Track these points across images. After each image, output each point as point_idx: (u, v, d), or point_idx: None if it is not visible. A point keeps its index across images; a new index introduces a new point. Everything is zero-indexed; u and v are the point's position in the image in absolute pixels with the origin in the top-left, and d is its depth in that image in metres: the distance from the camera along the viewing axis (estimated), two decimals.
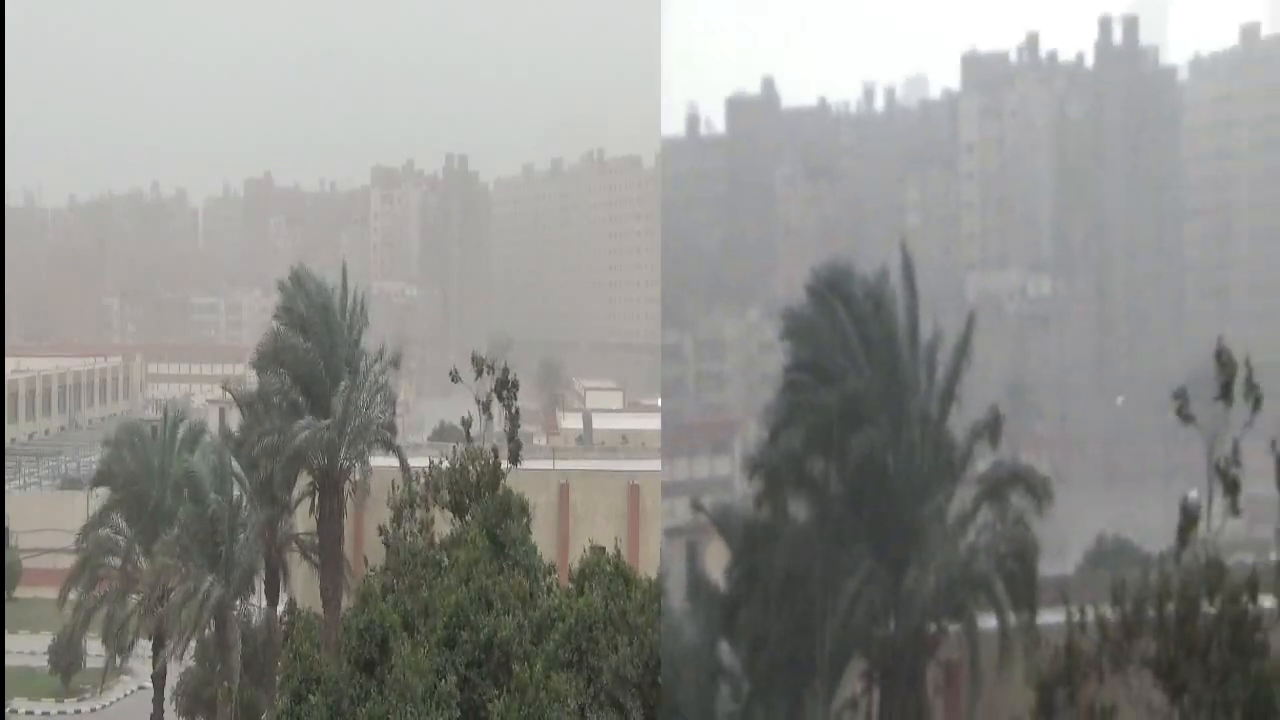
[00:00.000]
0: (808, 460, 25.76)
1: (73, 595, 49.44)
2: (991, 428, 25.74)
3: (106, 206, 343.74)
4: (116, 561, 48.69)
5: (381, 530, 38.47)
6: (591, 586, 32.87)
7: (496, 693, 30.74)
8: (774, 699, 25.57)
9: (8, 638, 57.40)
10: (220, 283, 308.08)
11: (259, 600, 48.65)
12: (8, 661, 55.47)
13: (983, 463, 25.95)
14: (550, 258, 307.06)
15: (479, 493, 36.81)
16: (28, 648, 67.99)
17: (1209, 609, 22.28)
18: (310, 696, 31.31)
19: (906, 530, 25.71)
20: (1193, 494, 22.15)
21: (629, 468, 63.54)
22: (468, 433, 38.47)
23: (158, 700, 49.29)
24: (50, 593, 53.98)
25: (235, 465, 45.28)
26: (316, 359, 43.28)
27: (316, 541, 45.25)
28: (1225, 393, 22.32)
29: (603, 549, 34.35)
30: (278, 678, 37.03)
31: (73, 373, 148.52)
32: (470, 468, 37.16)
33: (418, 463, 42.33)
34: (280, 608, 46.21)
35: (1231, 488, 22.22)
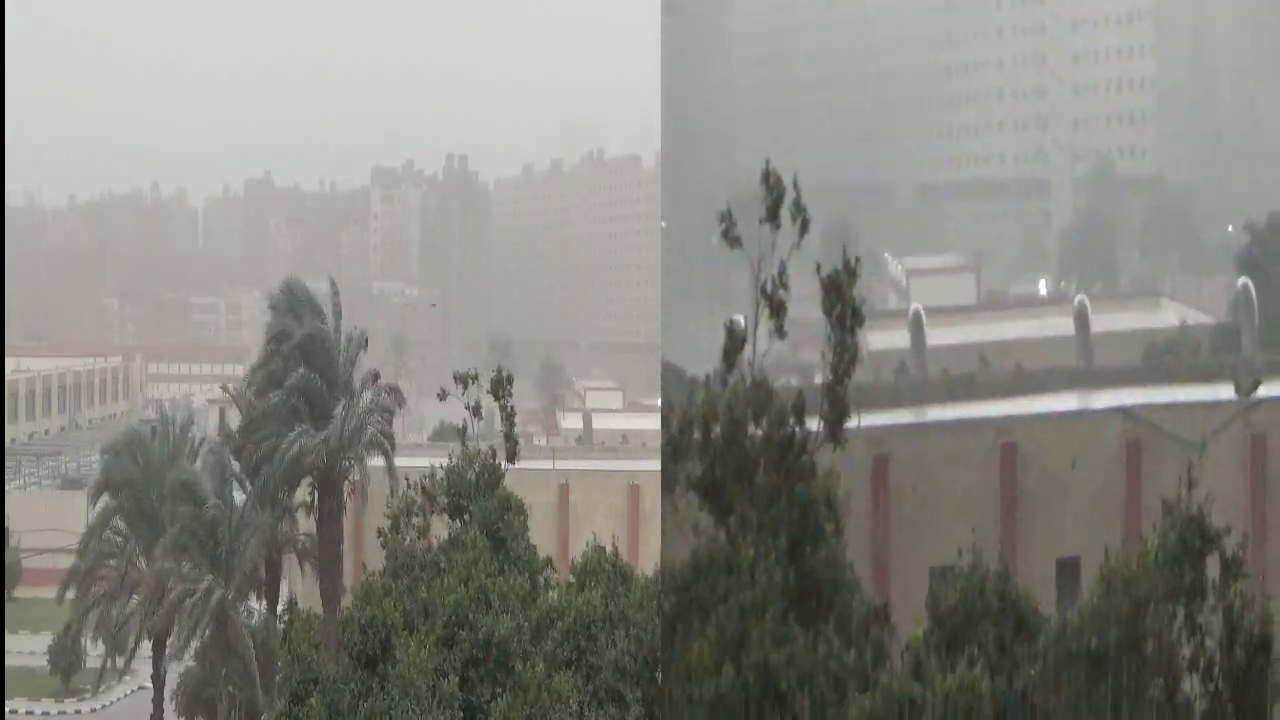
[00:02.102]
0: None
1: (71, 594, 49.43)
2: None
3: (106, 206, 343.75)
4: (117, 563, 48.70)
5: (380, 533, 38.50)
6: (591, 584, 32.94)
7: (496, 692, 30.79)
8: None
9: (8, 638, 57.39)
10: (220, 283, 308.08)
11: (259, 601, 48.64)
12: (8, 661, 55.47)
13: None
14: (550, 258, 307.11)
15: (477, 493, 36.86)
16: (28, 648, 67.96)
17: (755, 431, 22.52)
18: (309, 697, 31.33)
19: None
20: (738, 317, 22.34)
21: (629, 468, 63.55)
22: (463, 437, 38.52)
23: (157, 700, 49.27)
24: (50, 593, 53.99)
25: (235, 466, 45.29)
26: (316, 380, 43.30)
27: (316, 542, 45.26)
28: (772, 215, 22.13)
29: (602, 548, 34.42)
30: (277, 678, 37.06)
31: (73, 373, 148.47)
32: (469, 470, 37.20)
33: (419, 463, 42.35)
34: (280, 608, 46.19)
35: (777, 311, 22.32)
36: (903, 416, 35.43)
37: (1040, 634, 23.74)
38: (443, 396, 40.63)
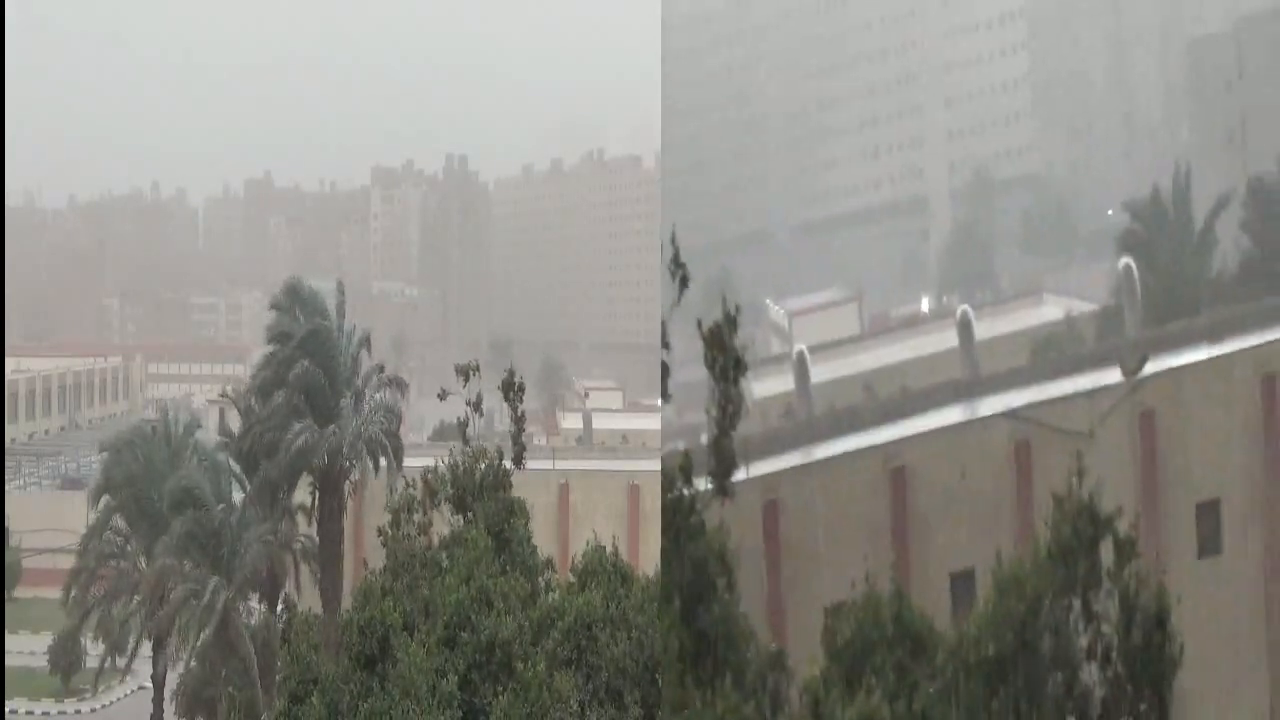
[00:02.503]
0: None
1: (73, 595, 49.42)
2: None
3: (106, 206, 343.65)
4: (117, 563, 48.68)
5: (380, 531, 38.45)
6: (592, 585, 32.94)
7: (498, 691, 30.78)
8: None
9: (8, 638, 57.38)
10: (220, 283, 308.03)
11: (259, 601, 48.63)
12: (8, 661, 55.46)
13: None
14: (550, 258, 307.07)
15: (481, 492, 36.82)
16: (28, 648, 67.94)
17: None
18: (309, 697, 31.33)
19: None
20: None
21: (629, 468, 63.54)
22: (463, 433, 38.44)
23: (157, 700, 49.26)
24: (50, 593, 53.95)
25: (235, 466, 45.27)
26: (319, 376, 43.26)
27: (316, 542, 45.24)
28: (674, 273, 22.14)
29: (602, 548, 34.42)
30: (277, 678, 37.04)
31: (73, 373, 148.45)
32: (475, 467, 37.14)
33: (418, 463, 42.32)
34: (279, 608, 46.18)
35: (661, 373, 22.62)
36: (791, 459, 35.41)
37: (938, 651, 23.83)
38: (443, 396, 40.59)
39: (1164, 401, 35.65)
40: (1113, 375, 36.15)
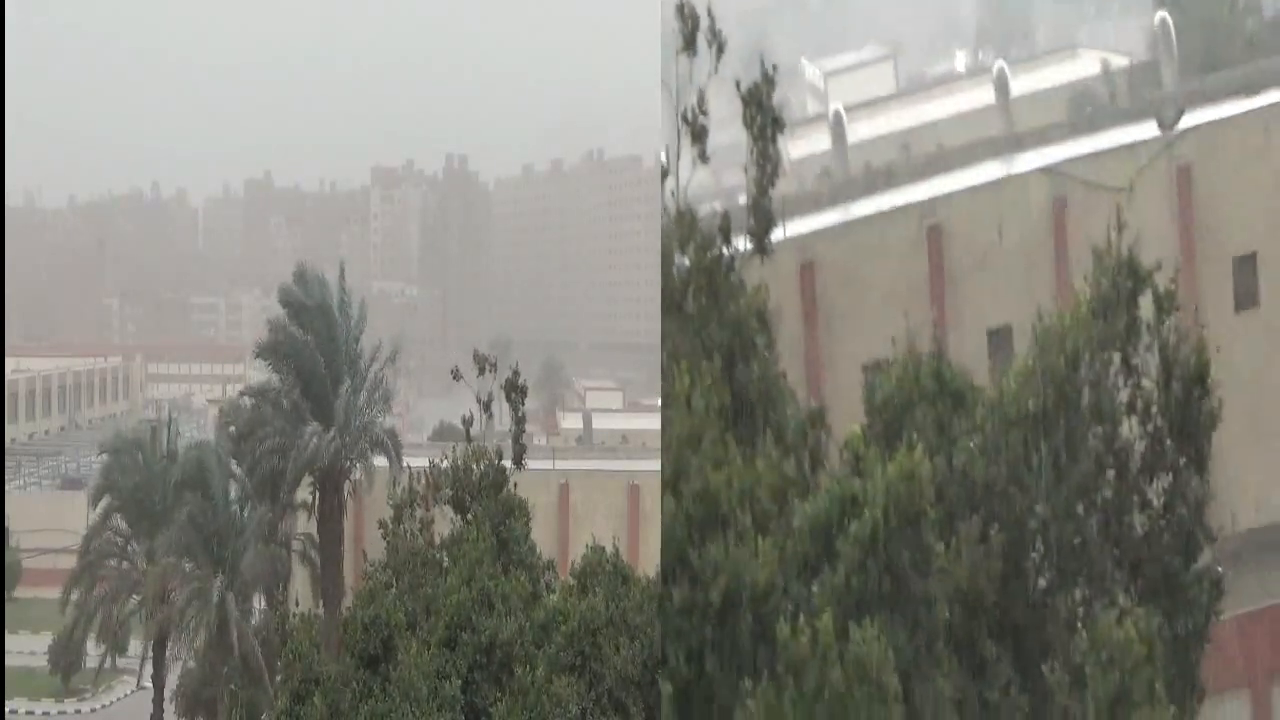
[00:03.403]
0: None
1: (74, 596, 49.41)
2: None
3: (106, 206, 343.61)
4: (118, 564, 48.68)
5: (382, 524, 38.41)
6: (594, 588, 32.87)
7: (498, 695, 30.74)
8: None
9: (8, 638, 57.37)
10: (220, 283, 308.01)
11: (259, 600, 48.62)
12: (8, 661, 55.43)
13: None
14: (550, 258, 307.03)
15: (480, 491, 36.76)
16: (28, 648, 67.92)
17: (682, 260, 23.21)
18: (310, 697, 31.30)
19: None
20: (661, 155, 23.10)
21: (629, 468, 63.52)
22: (468, 431, 38.37)
23: (157, 700, 49.25)
24: (50, 593, 53.87)
25: (235, 466, 45.25)
26: (316, 355, 43.19)
27: (316, 541, 45.22)
28: (689, 44, 22.41)
29: (602, 548, 34.37)
30: (278, 678, 37.01)
31: (73, 373, 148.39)
32: (474, 466, 37.08)
33: (418, 462, 42.28)
34: (280, 607, 46.17)
35: (699, 136, 22.69)
36: (827, 219, 34.95)
37: (977, 406, 23.63)
38: (457, 375, 40.39)
39: (1201, 155, 35.22)
40: (1149, 130, 35.69)
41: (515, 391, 38.60)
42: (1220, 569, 23.70)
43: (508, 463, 37.60)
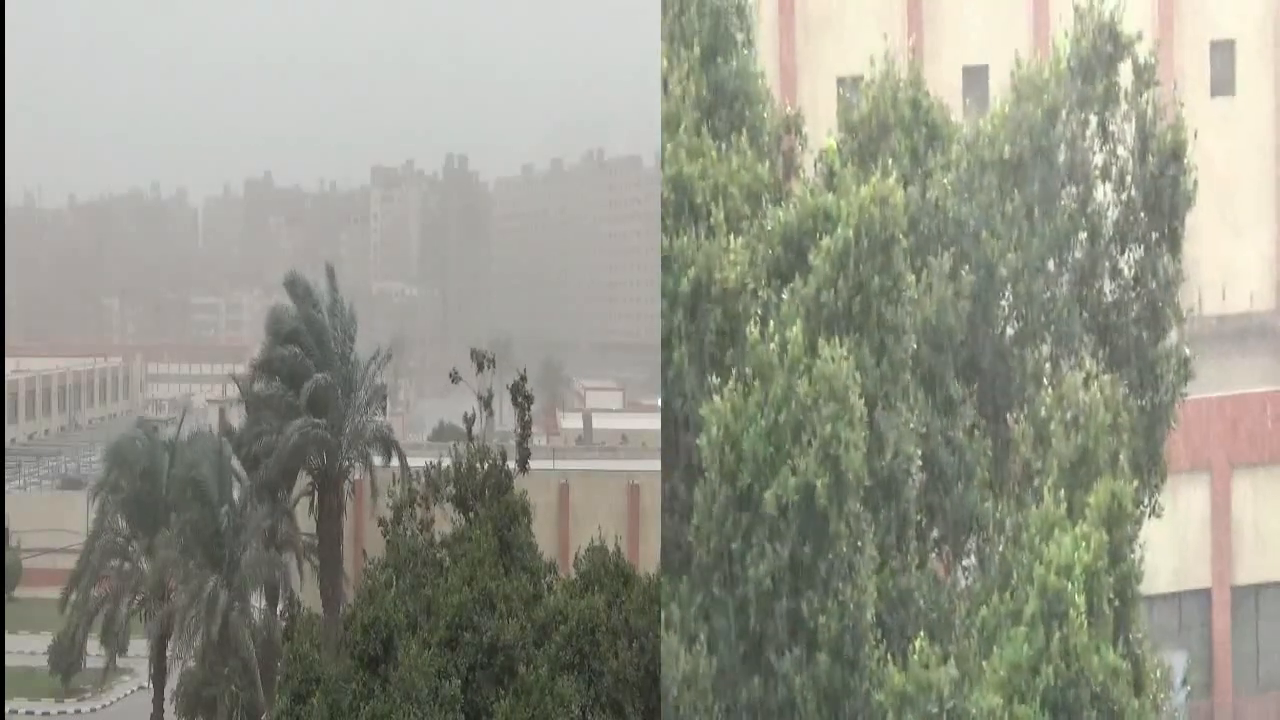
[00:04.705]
0: None
1: (74, 596, 49.39)
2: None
3: (106, 206, 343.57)
4: (118, 563, 48.64)
5: (382, 523, 38.35)
6: (594, 588, 32.85)
7: (499, 695, 30.72)
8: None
9: (8, 638, 57.30)
10: (220, 283, 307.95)
11: (259, 600, 48.59)
12: (8, 661, 55.37)
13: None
14: (550, 258, 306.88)
15: (483, 492, 36.74)
16: (28, 648, 67.83)
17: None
18: (310, 697, 31.29)
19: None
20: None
21: (629, 468, 63.50)
22: (469, 429, 38.32)
23: (157, 700, 49.21)
24: (50, 593, 53.77)
25: (236, 465, 45.20)
26: (308, 363, 43.15)
27: (315, 542, 45.17)
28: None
29: (604, 548, 34.35)
30: (278, 678, 37.01)
31: (73, 373, 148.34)
32: (477, 466, 37.05)
33: (418, 462, 42.24)
34: (279, 607, 46.14)
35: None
36: None
37: (953, 143, 23.69)
38: (455, 378, 40.36)
39: None
40: None
41: (522, 397, 38.53)
42: (1188, 351, 23.89)
43: (511, 463, 37.59)
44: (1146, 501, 23.86)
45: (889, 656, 22.00)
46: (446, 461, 38.29)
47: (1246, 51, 34.85)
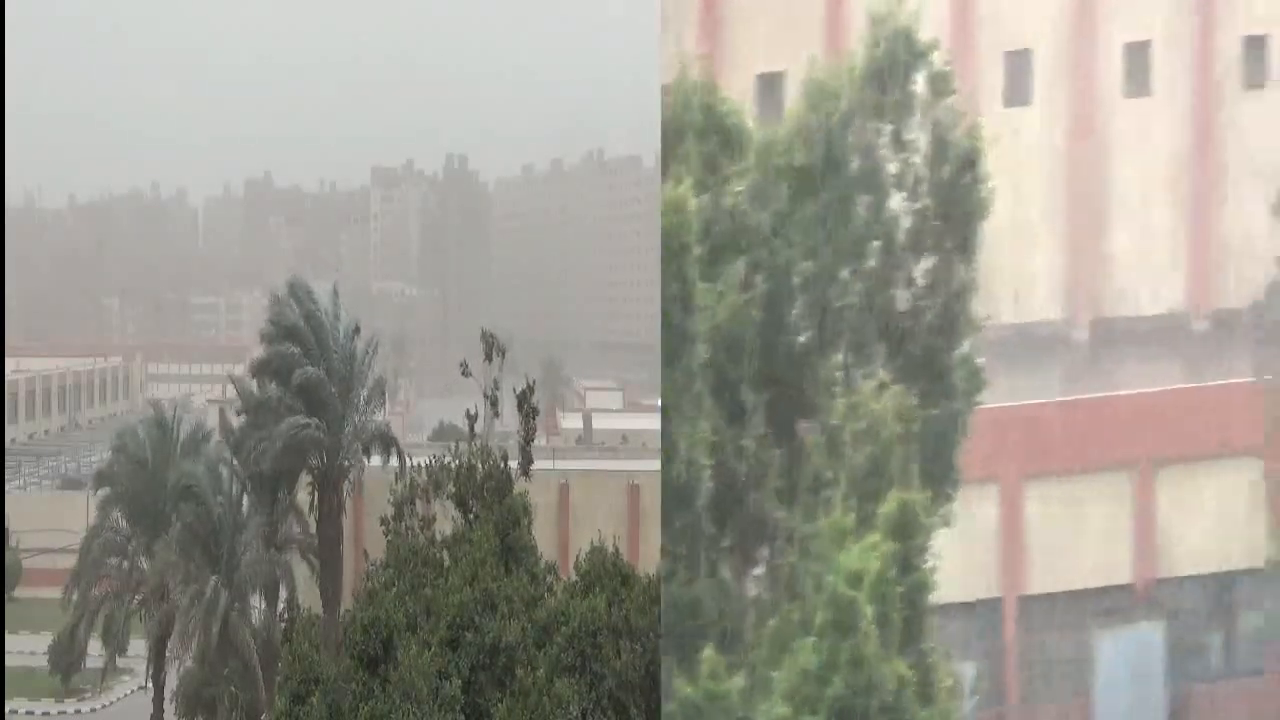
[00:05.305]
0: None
1: (74, 596, 49.38)
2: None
3: (106, 206, 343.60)
4: (118, 563, 48.65)
5: (383, 521, 38.32)
6: (595, 590, 32.84)
7: (499, 696, 30.72)
8: None
9: (8, 638, 57.29)
10: (220, 283, 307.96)
11: (259, 600, 48.59)
12: (8, 661, 55.37)
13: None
14: (550, 258, 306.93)
15: (483, 492, 36.73)
16: (28, 648, 67.81)
17: None
18: (310, 697, 31.29)
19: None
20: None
21: (629, 468, 63.50)
22: (472, 427, 38.30)
23: (157, 700, 49.21)
24: (50, 593, 53.76)
25: (236, 464, 45.20)
26: (305, 362, 43.13)
27: (315, 542, 45.17)
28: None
29: (604, 548, 34.34)
30: (278, 678, 37.00)
31: (73, 373, 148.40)
32: (479, 465, 37.04)
33: (417, 463, 42.22)
34: (280, 607, 46.14)
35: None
36: None
37: (749, 151, 23.55)
38: (465, 370, 40.16)
39: None
40: None
41: (527, 403, 38.50)
42: (981, 360, 23.85)
43: (513, 464, 37.58)
44: (938, 512, 23.62)
45: (677, 667, 21.99)
46: (450, 459, 38.28)
47: (1043, 61, 34.70)
